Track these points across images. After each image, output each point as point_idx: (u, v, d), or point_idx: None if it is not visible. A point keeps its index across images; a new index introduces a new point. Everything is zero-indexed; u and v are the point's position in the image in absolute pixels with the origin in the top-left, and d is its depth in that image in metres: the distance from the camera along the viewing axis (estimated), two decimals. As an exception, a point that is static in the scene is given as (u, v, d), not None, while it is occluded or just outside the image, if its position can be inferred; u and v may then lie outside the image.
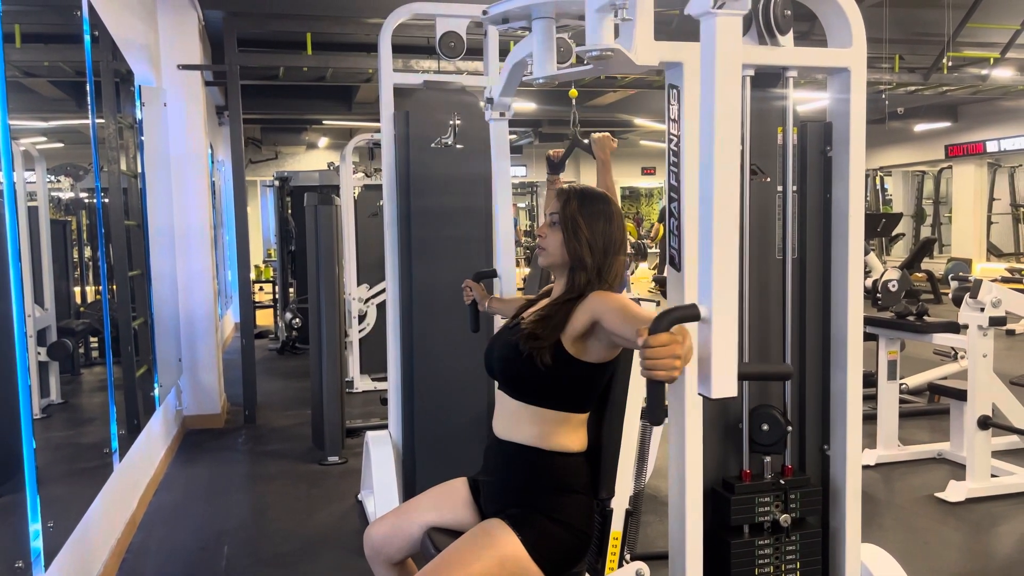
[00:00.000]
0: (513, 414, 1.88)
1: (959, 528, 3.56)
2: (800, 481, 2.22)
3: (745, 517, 2.16)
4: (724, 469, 2.25)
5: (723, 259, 1.47)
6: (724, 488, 2.20)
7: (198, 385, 5.41)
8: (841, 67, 2.12)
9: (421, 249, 3.51)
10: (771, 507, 2.17)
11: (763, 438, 2.19)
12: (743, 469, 2.21)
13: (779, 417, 2.19)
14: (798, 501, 2.19)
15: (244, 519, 3.83)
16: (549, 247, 1.92)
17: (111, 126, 3.89)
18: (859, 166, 2.15)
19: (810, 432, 2.30)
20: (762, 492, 2.18)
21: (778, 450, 2.22)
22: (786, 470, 2.24)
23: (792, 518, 2.19)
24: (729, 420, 2.24)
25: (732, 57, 1.52)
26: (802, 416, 2.29)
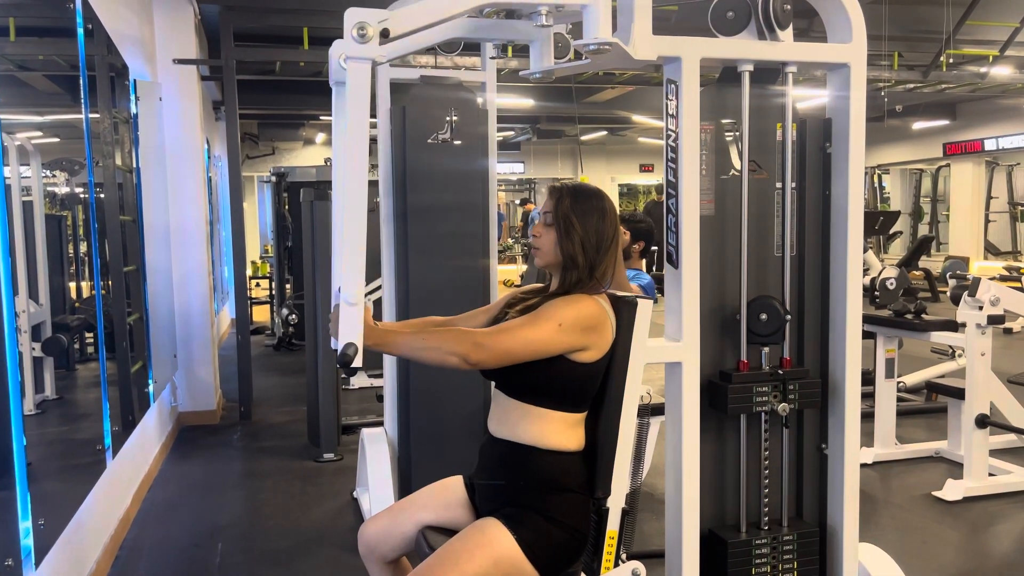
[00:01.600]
0: (509, 412, 1.86)
1: (956, 527, 3.55)
2: (799, 372, 2.20)
3: (742, 406, 2.13)
4: (721, 363, 2.22)
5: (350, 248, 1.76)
6: (721, 379, 2.17)
7: (193, 381, 5.38)
8: (841, 63, 2.11)
9: (417, 245, 3.49)
10: (769, 396, 2.14)
11: (761, 328, 2.15)
12: (740, 360, 2.18)
13: (778, 306, 2.16)
14: (796, 392, 2.16)
15: (239, 516, 3.81)
16: (544, 247, 1.90)
17: (106, 121, 3.86)
18: (859, 163, 2.14)
19: (809, 321, 2.26)
20: (760, 381, 2.14)
21: (776, 340, 2.18)
22: (784, 362, 2.21)
23: (791, 409, 2.16)
24: (726, 313, 2.21)
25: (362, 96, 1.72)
26: (801, 305, 2.25)
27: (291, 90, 9.05)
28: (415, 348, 1.79)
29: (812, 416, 2.28)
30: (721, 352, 2.22)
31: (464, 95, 3.57)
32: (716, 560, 2.18)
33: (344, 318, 1.73)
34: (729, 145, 2.20)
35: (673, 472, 2.13)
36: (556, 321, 1.76)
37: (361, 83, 1.71)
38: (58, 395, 3.71)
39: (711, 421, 2.19)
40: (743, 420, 2.20)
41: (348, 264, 1.76)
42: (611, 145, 16.60)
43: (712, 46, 2.03)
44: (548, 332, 1.76)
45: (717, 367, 2.20)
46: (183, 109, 5.29)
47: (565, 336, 1.76)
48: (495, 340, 1.75)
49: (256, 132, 13.52)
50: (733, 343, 2.21)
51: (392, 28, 1.71)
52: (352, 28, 1.69)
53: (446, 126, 3.46)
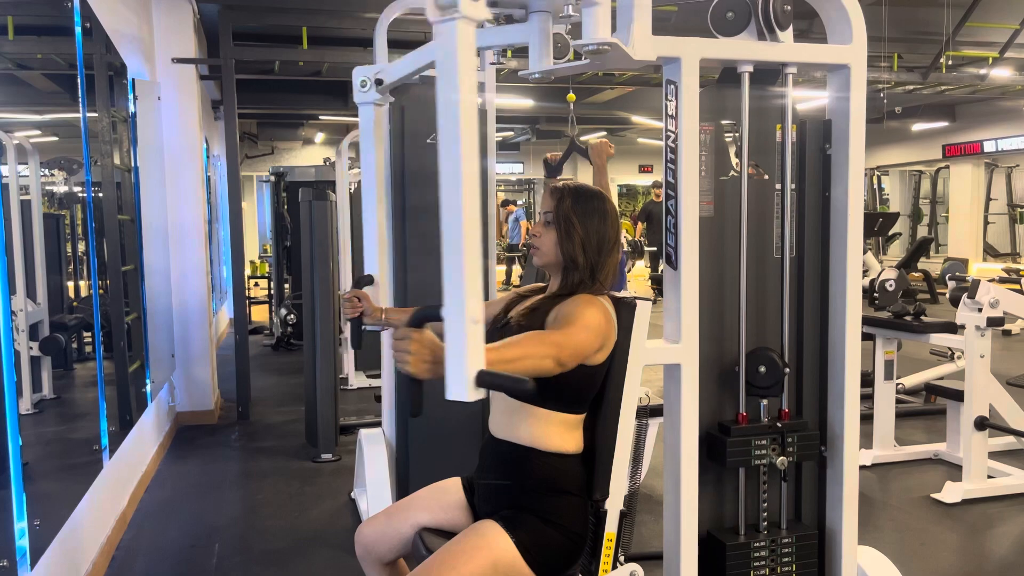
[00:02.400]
0: (509, 413, 1.85)
1: (955, 529, 3.54)
2: (798, 424, 2.20)
3: (741, 460, 2.13)
4: (720, 414, 2.22)
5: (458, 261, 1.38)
6: (720, 431, 2.17)
7: (191, 381, 5.37)
8: (841, 64, 2.10)
9: (416, 245, 3.48)
10: (767, 450, 2.14)
11: (760, 381, 2.16)
12: (739, 412, 2.18)
13: (777, 359, 2.16)
14: (795, 444, 2.16)
15: (236, 516, 3.80)
16: (543, 247, 1.89)
17: (104, 120, 3.85)
18: (858, 164, 2.13)
19: (808, 374, 2.27)
20: (759, 434, 2.15)
21: (775, 393, 2.18)
22: (783, 414, 2.21)
23: (789, 462, 2.16)
24: (725, 363, 2.21)
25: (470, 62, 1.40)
26: (800, 358, 2.25)
27: (290, 90, 9.05)
28: (506, 360, 1.55)
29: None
30: (720, 402, 2.23)
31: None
32: (714, 563, 2.18)
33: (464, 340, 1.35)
34: (728, 146, 2.20)
35: (671, 474, 2.12)
36: (584, 324, 1.74)
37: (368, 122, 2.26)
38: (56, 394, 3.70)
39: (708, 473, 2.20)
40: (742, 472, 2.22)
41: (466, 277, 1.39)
42: (610, 146, 16.58)
43: (712, 47, 2.02)
44: (590, 334, 1.74)
45: (716, 417, 2.21)
46: (182, 108, 5.28)
47: (595, 339, 1.76)
48: (570, 339, 1.69)
49: (255, 132, 13.51)
50: (732, 393, 2.22)
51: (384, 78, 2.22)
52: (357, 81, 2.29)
53: (445, 126, 3.44)
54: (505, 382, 1.38)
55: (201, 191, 5.45)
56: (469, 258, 1.36)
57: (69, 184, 3.86)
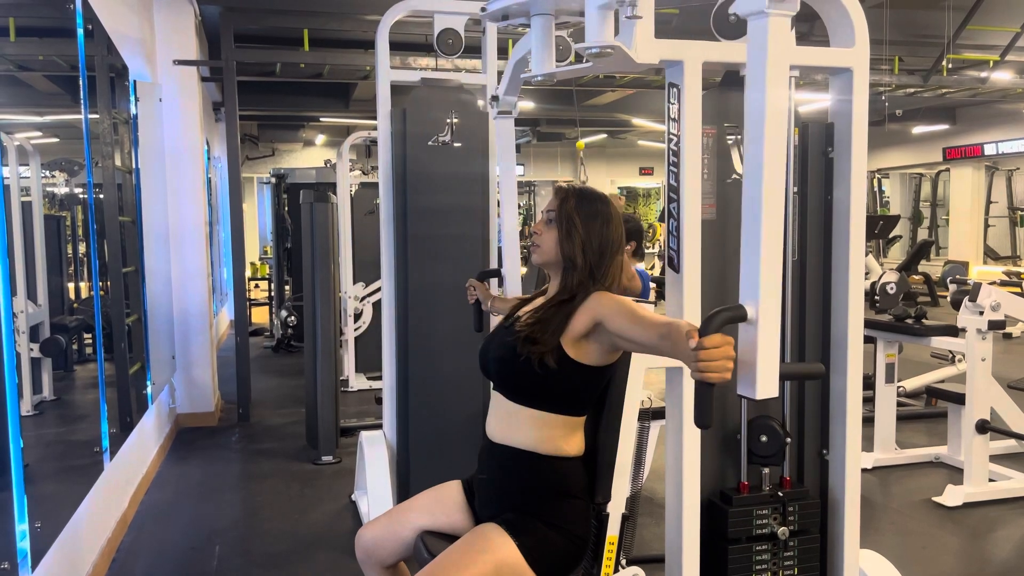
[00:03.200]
0: (509, 416, 1.84)
1: (956, 533, 3.54)
2: (799, 493, 2.21)
3: (743, 530, 2.14)
4: (722, 480, 2.23)
5: (770, 259, 1.47)
6: (722, 500, 2.18)
7: (192, 383, 5.37)
8: (844, 67, 2.10)
9: (417, 248, 3.48)
10: (769, 519, 2.15)
11: (761, 449, 2.17)
12: (741, 480, 2.19)
13: (778, 428, 2.17)
14: (796, 514, 2.17)
15: (236, 519, 3.79)
16: (544, 245, 1.89)
17: (106, 121, 3.85)
18: (861, 168, 2.13)
19: (809, 442, 2.28)
20: (760, 504, 2.16)
21: (776, 461, 2.20)
22: (784, 482, 2.22)
23: (791, 530, 2.16)
24: (727, 431, 2.22)
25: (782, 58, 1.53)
26: (801, 425, 2.27)
27: (291, 91, 9.05)
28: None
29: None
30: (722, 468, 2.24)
31: (465, 97, 3.56)
32: (716, 563, 2.17)
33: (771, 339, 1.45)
34: (731, 149, 2.20)
35: (673, 478, 2.12)
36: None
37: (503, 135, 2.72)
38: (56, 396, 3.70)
39: None
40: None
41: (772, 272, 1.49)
42: (611, 148, 16.59)
43: (714, 50, 2.02)
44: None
45: (718, 483, 2.22)
46: (183, 110, 5.29)
47: None
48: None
49: (256, 133, 13.51)
50: (733, 460, 2.23)
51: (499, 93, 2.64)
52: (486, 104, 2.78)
53: (446, 128, 3.45)
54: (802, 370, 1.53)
55: (202, 193, 5.45)
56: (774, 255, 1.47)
57: (70, 185, 3.86)
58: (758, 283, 1.47)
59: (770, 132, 1.49)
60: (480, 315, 2.70)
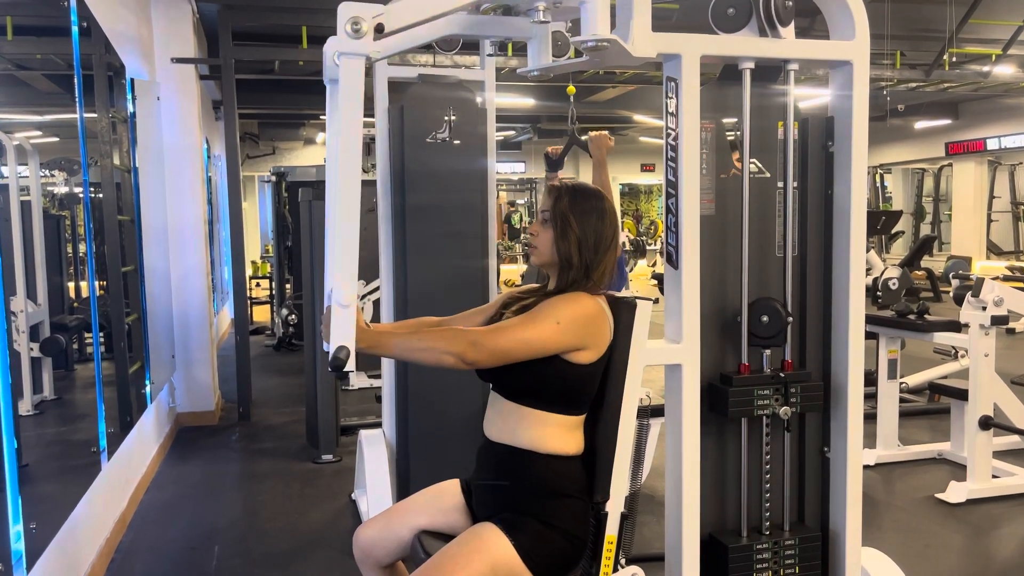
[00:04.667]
0: (507, 415, 1.83)
1: (960, 530, 3.52)
2: (801, 375, 2.17)
3: (743, 410, 2.11)
4: (721, 366, 2.19)
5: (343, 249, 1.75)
6: (722, 382, 2.14)
7: (192, 382, 5.36)
8: (844, 60, 2.08)
9: (416, 245, 3.46)
10: (770, 400, 2.11)
11: (762, 330, 2.12)
12: (741, 363, 2.15)
13: (779, 308, 2.13)
14: (798, 395, 2.13)
15: (236, 518, 3.78)
16: (540, 246, 1.87)
17: (104, 120, 3.83)
18: (861, 162, 2.11)
19: (811, 325, 2.23)
20: (761, 384, 2.12)
21: (778, 343, 2.15)
22: (786, 364, 2.18)
23: (792, 412, 2.13)
24: (727, 315, 2.18)
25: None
26: (803, 310, 2.22)
27: (291, 90, 9.03)
28: (409, 349, 1.76)
29: (814, 419, 2.25)
30: (722, 354, 2.19)
31: (463, 94, 3.54)
32: (717, 565, 2.16)
33: (336, 320, 1.68)
34: (730, 144, 2.17)
35: (673, 476, 2.10)
36: (554, 319, 1.74)
37: (354, 80, 1.69)
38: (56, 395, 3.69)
39: (711, 424, 2.16)
40: (744, 424, 2.17)
41: (340, 264, 1.72)
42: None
43: (713, 43, 2.00)
44: (546, 331, 1.73)
45: (718, 370, 2.17)
46: (181, 108, 5.27)
47: (563, 335, 1.74)
48: (492, 339, 1.72)
49: (256, 132, 13.50)
50: (734, 345, 2.18)
51: (387, 23, 1.69)
52: (346, 23, 1.66)
53: (444, 125, 3.43)
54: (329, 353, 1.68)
55: (201, 191, 5.43)
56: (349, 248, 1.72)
57: (70, 185, 3.85)
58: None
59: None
60: None
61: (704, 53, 1.97)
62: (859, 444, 2.16)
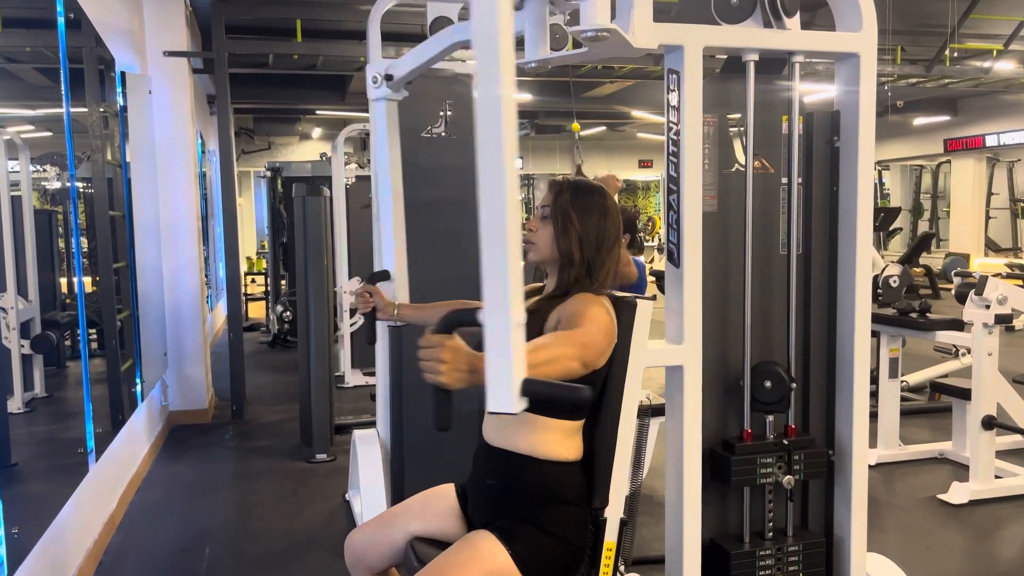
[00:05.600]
0: (505, 419, 1.76)
1: (962, 531, 3.47)
2: (804, 441, 2.12)
3: (746, 479, 2.06)
4: (724, 430, 2.15)
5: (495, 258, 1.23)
6: (724, 449, 2.10)
7: (184, 379, 5.29)
8: (850, 52, 2.02)
9: (411, 242, 3.39)
10: (773, 468, 2.06)
11: (765, 396, 2.08)
12: (744, 429, 2.11)
13: (783, 374, 2.08)
14: (802, 462, 2.09)
15: (228, 518, 3.72)
16: (539, 242, 1.80)
17: (95, 114, 3.77)
18: (868, 157, 2.05)
19: (815, 390, 2.19)
20: (764, 452, 2.08)
21: (781, 409, 2.11)
22: (789, 430, 2.13)
23: (796, 480, 2.08)
24: (730, 378, 2.13)
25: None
26: (807, 372, 2.18)
27: (286, 84, 8.95)
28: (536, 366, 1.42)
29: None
30: (724, 417, 2.16)
31: (459, 88, 3.48)
32: (718, 571, 2.10)
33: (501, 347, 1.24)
34: (733, 139, 2.11)
35: (674, 480, 2.04)
36: (596, 320, 1.66)
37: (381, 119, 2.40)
38: (48, 393, 3.63)
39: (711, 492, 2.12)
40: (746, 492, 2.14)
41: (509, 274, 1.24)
42: (610, 140, 16.49)
43: (716, 34, 1.94)
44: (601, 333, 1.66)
45: (720, 433, 2.14)
46: (174, 102, 5.19)
47: (605, 337, 1.68)
48: (592, 338, 1.63)
49: (252, 127, 13.42)
50: (736, 408, 2.15)
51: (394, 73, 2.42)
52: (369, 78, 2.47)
53: (440, 120, 3.36)
54: (557, 391, 1.26)
55: (194, 186, 5.36)
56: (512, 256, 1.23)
57: (62, 180, 3.80)
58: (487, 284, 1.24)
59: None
60: (373, 327, 2.45)
61: (707, 44, 1.91)
62: (864, 445, 2.10)
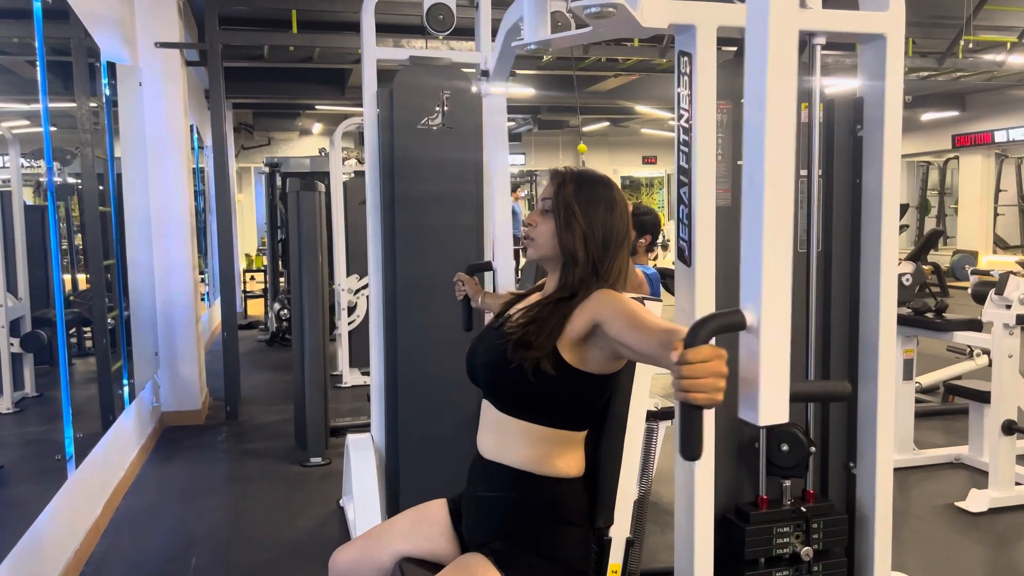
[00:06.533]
0: (502, 430, 1.62)
1: (982, 541, 3.32)
2: (823, 508, 1.98)
3: (761, 550, 1.92)
4: (737, 495, 2.01)
5: (775, 254, 1.15)
6: (737, 516, 1.96)
7: (177, 379, 5.16)
8: (876, 33, 1.87)
9: (406, 239, 3.26)
10: (791, 538, 1.93)
11: (782, 460, 1.95)
12: (759, 495, 1.97)
13: (800, 436, 1.94)
14: (821, 531, 1.95)
15: (217, 525, 3.59)
16: (539, 238, 1.65)
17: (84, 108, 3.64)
18: (895, 147, 1.91)
19: (834, 451, 2.06)
20: (781, 521, 1.93)
21: (799, 473, 1.97)
22: (807, 495, 1.99)
23: (814, 550, 1.94)
24: (743, 438, 2.00)
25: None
26: (825, 434, 2.05)
27: (285, 78, 8.81)
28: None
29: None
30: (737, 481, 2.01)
31: (457, 77, 3.33)
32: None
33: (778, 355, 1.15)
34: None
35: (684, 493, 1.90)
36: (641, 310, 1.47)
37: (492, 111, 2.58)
38: (39, 392, 3.52)
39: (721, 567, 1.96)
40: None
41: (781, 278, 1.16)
42: (613, 136, 16.32)
43: (731, 13, 1.78)
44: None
45: (733, 498, 2.00)
46: (166, 95, 5.05)
47: None
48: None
49: (251, 122, 13.27)
50: (750, 471, 2.00)
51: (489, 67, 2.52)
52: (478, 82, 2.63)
53: (437, 111, 3.22)
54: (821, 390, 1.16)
55: (188, 181, 5.22)
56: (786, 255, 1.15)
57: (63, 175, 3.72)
58: (760, 282, 1.15)
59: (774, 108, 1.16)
60: (469, 313, 2.49)
61: (722, 24, 1.75)
62: (889, 458, 1.95)
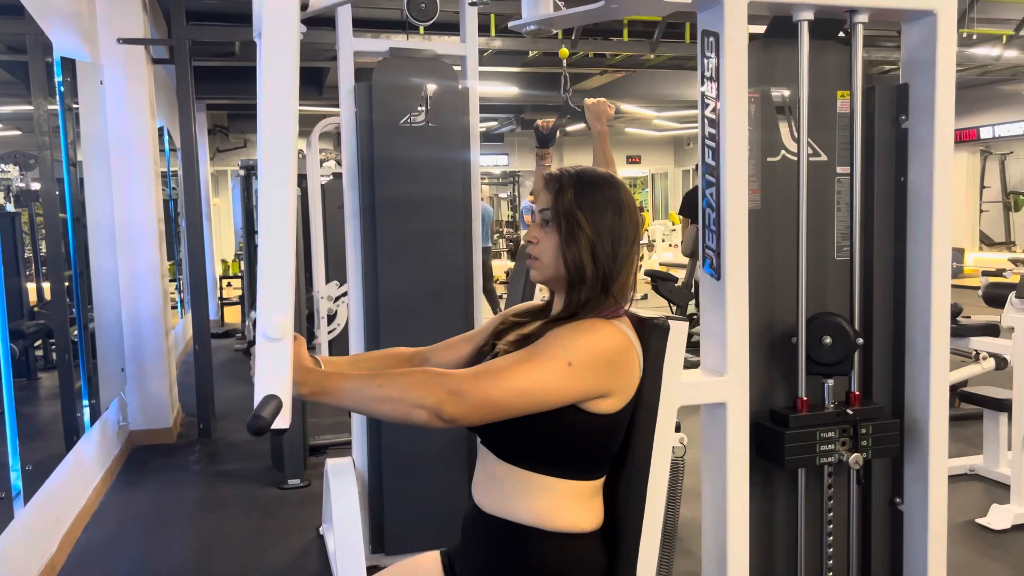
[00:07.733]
0: (502, 480, 1.36)
1: (1008, 561, 3.11)
2: (872, 410, 1.72)
3: (803, 458, 1.66)
4: (770, 399, 1.74)
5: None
6: (773, 421, 1.69)
7: (146, 395, 4.86)
8: (925, 10, 1.64)
9: (387, 245, 3.00)
10: (836, 444, 1.67)
11: (824, 356, 1.68)
12: (798, 396, 1.71)
13: (846, 327, 1.68)
14: (870, 437, 1.69)
15: (184, 559, 3.30)
16: (543, 256, 1.39)
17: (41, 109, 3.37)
18: (947, 139, 1.67)
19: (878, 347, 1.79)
20: (825, 425, 1.67)
21: (843, 371, 1.71)
22: (851, 397, 1.74)
23: (864, 459, 1.68)
24: (776, 333, 1.73)
25: None
26: (869, 325, 1.79)
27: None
28: (368, 399, 1.26)
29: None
30: (769, 384, 1.74)
31: (441, 71, 3.08)
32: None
33: (263, 360, 1.20)
34: (779, 120, 1.73)
35: (715, 538, 1.66)
36: (564, 359, 1.27)
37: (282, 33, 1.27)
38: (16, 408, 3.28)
39: (755, 474, 1.71)
40: (802, 475, 1.73)
41: (270, 286, 1.20)
42: (597, 136, 16.09)
43: (763, -15, 1.55)
44: (554, 375, 1.26)
45: (766, 404, 1.72)
46: (130, 94, 4.75)
47: (578, 380, 1.27)
48: (479, 387, 1.24)
49: (226, 124, 12.94)
50: (784, 373, 1.73)
51: None
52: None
53: (420, 107, 2.97)
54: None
55: (156, 185, 4.92)
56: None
57: (25, 180, 3.50)
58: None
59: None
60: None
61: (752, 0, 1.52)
62: (943, 495, 1.73)
